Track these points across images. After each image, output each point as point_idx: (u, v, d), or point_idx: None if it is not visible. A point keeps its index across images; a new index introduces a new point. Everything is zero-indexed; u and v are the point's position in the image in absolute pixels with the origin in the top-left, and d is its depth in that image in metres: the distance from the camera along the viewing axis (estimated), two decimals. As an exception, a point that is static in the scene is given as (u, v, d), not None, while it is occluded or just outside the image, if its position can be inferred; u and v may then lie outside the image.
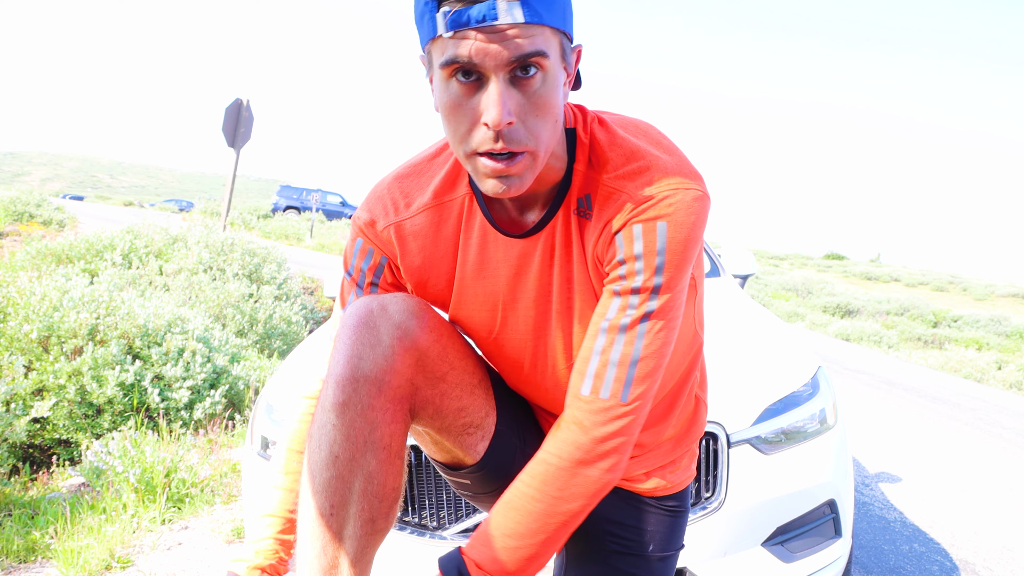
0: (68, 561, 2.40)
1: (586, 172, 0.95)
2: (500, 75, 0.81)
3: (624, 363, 0.91)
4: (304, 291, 8.08)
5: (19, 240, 8.51)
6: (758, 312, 2.62)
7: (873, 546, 2.82)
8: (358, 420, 0.92)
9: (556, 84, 0.84)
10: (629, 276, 0.90)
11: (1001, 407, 6.60)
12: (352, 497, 0.93)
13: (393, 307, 0.98)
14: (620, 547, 1.15)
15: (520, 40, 0.80)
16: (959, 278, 29.90)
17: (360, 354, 0.93)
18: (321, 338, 2.56)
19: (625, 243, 0.90)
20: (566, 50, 0.86)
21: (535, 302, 1.02)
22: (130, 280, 5.64)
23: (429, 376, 1.00)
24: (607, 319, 0.92)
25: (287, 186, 26.65)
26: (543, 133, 0.85)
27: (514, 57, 0.80)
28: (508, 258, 1.01)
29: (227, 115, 7.13)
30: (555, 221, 0.97)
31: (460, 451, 1.10)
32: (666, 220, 0.88)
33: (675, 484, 1.17)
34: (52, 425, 3.54)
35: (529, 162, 0.86)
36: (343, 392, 0.92)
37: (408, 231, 1.05)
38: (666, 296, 0.90)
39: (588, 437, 0.91)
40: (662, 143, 0.95)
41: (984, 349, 13.54)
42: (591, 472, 0.92)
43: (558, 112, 0.87)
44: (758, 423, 1.80)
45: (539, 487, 0.92)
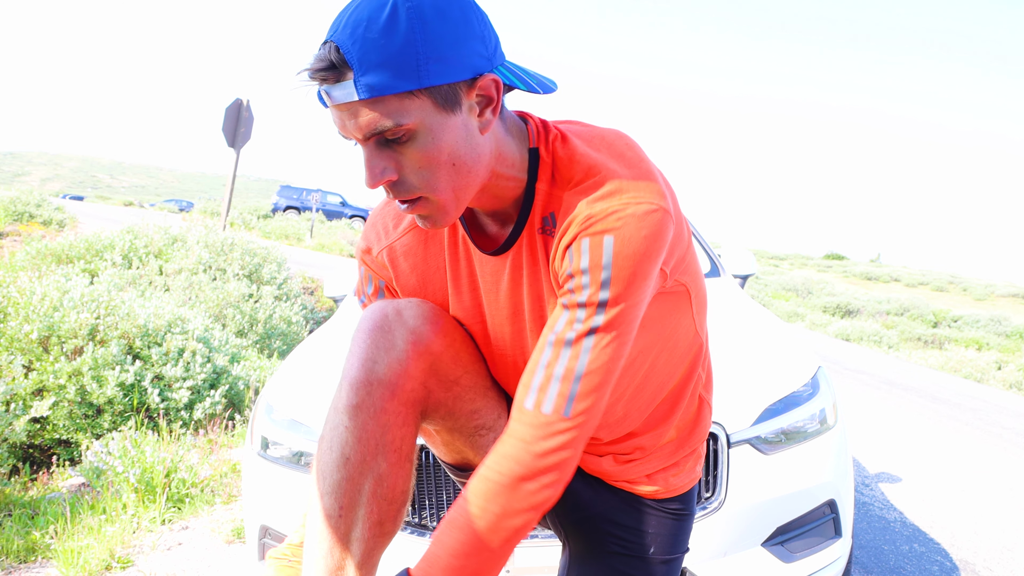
0: (68, 561, 2.40)
1: (549, 190, 0.95)
2: (365, 144, 0.85)
3: (568, 378, 0.89)
4: (304, 291, 8.08)
5: (19, 240, 8.51)
6: (758, 312, 2.62)
7: (873, 546, 2.82)
8: (370, 423, 0.94)
9: (436, 135, 0.84)
10: (576, 290, 0.89)
11: (1001, 407, 6.60)
12: (362, 499, 0.94)
13: (408, 312, 1.00)
14: (621, 549, 1.14)
15: (363, 118, 0.82)
16: (959, 278, 29.91)
17: (374, 358, 0.95)
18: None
19: (575, 256, 0.89)
20: (448, 97, 0.84)
21: (509, 318, 1.04)
22: (130, 280, 5.64)
23: (442, 380, 1.01)
24: (554, 332, 0.91)
25: (287, 186, 26.65)
26: (437, 181, 0.87)
27: (365, 134, 0.83)
28: (484, 273, 1.03)
29: (227, 115, 7.13)
30: (520, 240, 0.98)
31: (471, 452, 1.11)
32: (613, 234, 0.86)
33: (678, 487, 1.16)
34: (52, 425, 3.54)
35: (429, 205, 0.89)
36: (356, 395, 0.94)
37: (399, 252, 1.10)
38: (614, 311, 0.88)
39: (528, 452, 0.89)
40: (625, 156, 0.93)
41: (984, 349, 13.54)
42: (531, 487, 0.90)
43: (452, 156, 0.86)
44: (758, 423, 1.80)
45: (481, 504, 0.90)
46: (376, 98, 0.80)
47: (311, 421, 1.92)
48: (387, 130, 0.82)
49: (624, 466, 1.12)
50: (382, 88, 0.80)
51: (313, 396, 2.05)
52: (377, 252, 1.12)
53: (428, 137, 0.84)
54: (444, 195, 0.88)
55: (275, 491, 1.90)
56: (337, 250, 16.48)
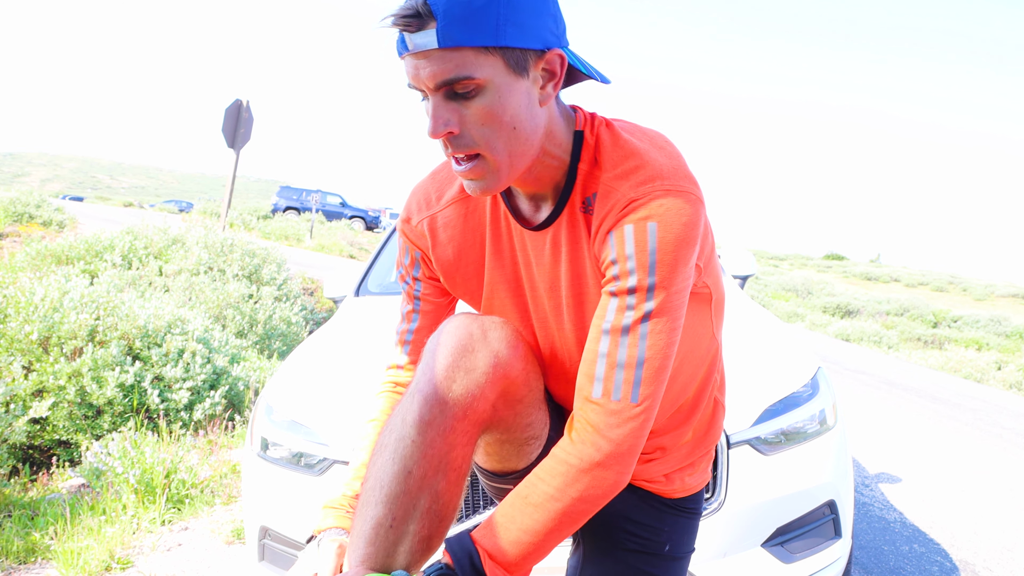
0: (68, 562, 2.40)
1: (590, 171, 0.98)
2: (434, 94, 0.89)
3: (631, 365, 0.92)
4: (304, 292, 8.08)
5: (19, 241, 8.51)
6: (758, 313, 2.62)
7: (873, 547, 2.82)
8: (439, 441, 0.94)
9: (502, 96, 0.89)
10: (623, 276, 0.92)
11: (1001, 407, 6.60)
12: (415, 514, 0.94)
13: (493, 334, 1.00)
14: (637, 546, 1.16)
15: (437, 66, 0.86)
16: (959, 278, 29.91)
17: (453, 377, 0.95)
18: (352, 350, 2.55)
19: (617, 243, 0.92)
20: (519, 62, 0.89)
21: (548, 294, 1.06)
22: (130, 281, 5.64)
23: (509, 400, 1.02)
24: (608, 321, 0.93)
25: (287, 187, 26.64)
26: (496, 141, 0.91)
27: (436, 83, 0.87)
28: (524, 249, 1.06)
29: (227, 116, 7.13)
30: (561, 218, 1.01)
31: (516, 460, 1.12)
32: (656, 220, 0.90)
33: (692, 486, 1.19)
34: (52, 426, 3.54)
35: (484, 165, 0.92)
36: (429, 411, 0.94)
37: (440, 223, 1.12)
38: (662, 294, 0.91)
39: (606, 440, 0.92)
40: (664, 148, 0.97)
41: (984, 349, 13.53)
42: (608, 474, 0.93)
43: (514, 119, 0.91)
44: (758, 424, 1.80)
45: (559, 487, 0.93)
46: (454, 48, 0.85)
47: (311, 422, 1.92)
48: (458, 80, 0.86)
49: (644, 465, 1.13)
50: (461, 39, 0.84)
51: (313, 397, 2.05)
52: (417, 222, 1.14)
53: (495, 95, 0.88)
54: (500, 156, 0.92)
55: (275, 492, 1.90)
56: (337, 251, 16.48)
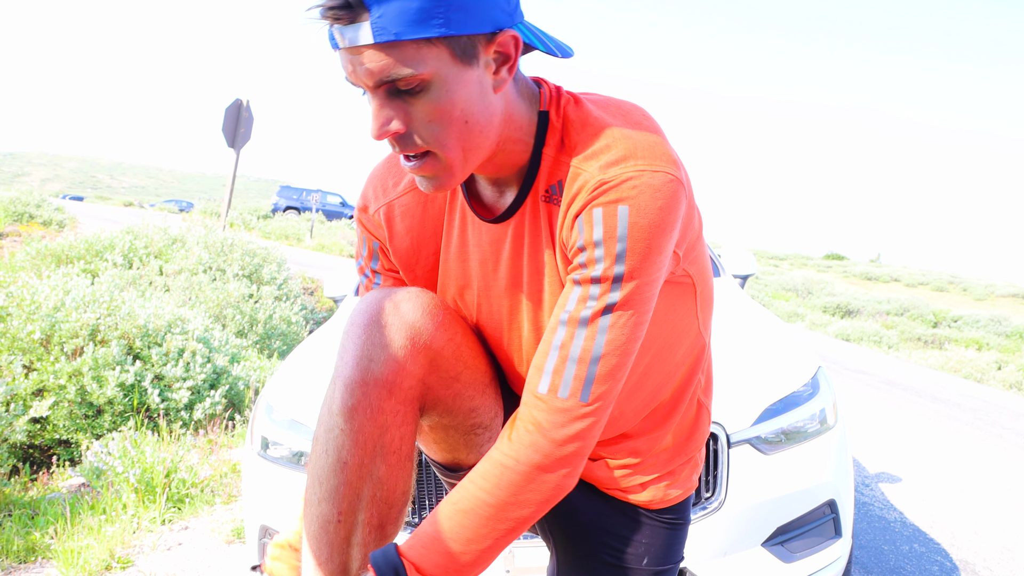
0: (68, 561, 2.40)
1: (556, 156, 0.89)
2: (374, 92, 0.80)
3: (584, 360, 0.84)
4: (304, 291, 8.08)
5: (19, 240, 8.51)
6: (758, 312, 2.62)
7: (873, 546, 2.82)
8: (368, 424, 0.89)
9: (450, 88, 0.80)
10: (589, 264, 0.83)
11: (1001, 407, 6.60)
12: (361, 504, 0.90)
13: (405, 304, 0.93)
14: (612, 559, 1.09)
15: (374, 63, 0.77)
16: (959, 278, 29.90)
17: (370, 355, 0.90)
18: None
19: (585, 227, 0.83)
20: (464, 49, 0.79)
21: (507, 290, 0.98)
22: (130, 280, 5.65)
23: (443, 376, 0.96)
24: (567, 311, 0.86)
25: (287, 186, 26.63)
26: (447, 138, 0.82)
27: (375, 82, 0.78)
28: (481, 243, 0.98)
29: (227, 115, 7.13)
30: (523, 208, 0.93)
31: (465, 452, 1.07)
32: (628, 203, 0.81)
33: (673, 497, 1.10)
34: (52, 425, 3.54)
35: (436, 163, 0.84)
36: (352, 396, 0.89)
37: (397, 211, 1.04)
38: (630, 285, 0.83)
39: (547, 440, 0.85)
40: (641, 124, 0.87)
41: (984, 349, 13.53)
42: (549, 478, 0.86)
43: (465, 112, 0.82)
44: (758, 423, 1.80)
45: (492, 491, 0.86)
46: (392, 43, 0.75)
47: (311, 421, 1.92)
48: (400, 79, 0.77)
49: (618, 473, 1.06)
50: (399, 32, 0.75)
51: (313, 396, 2.05)
52: (374, 210, 1.05)
53: (442, 89, 0.80)
54: (452, 153, 0.83)
55: (275, 491, 1.90)
56: (337, 250, 16.48)
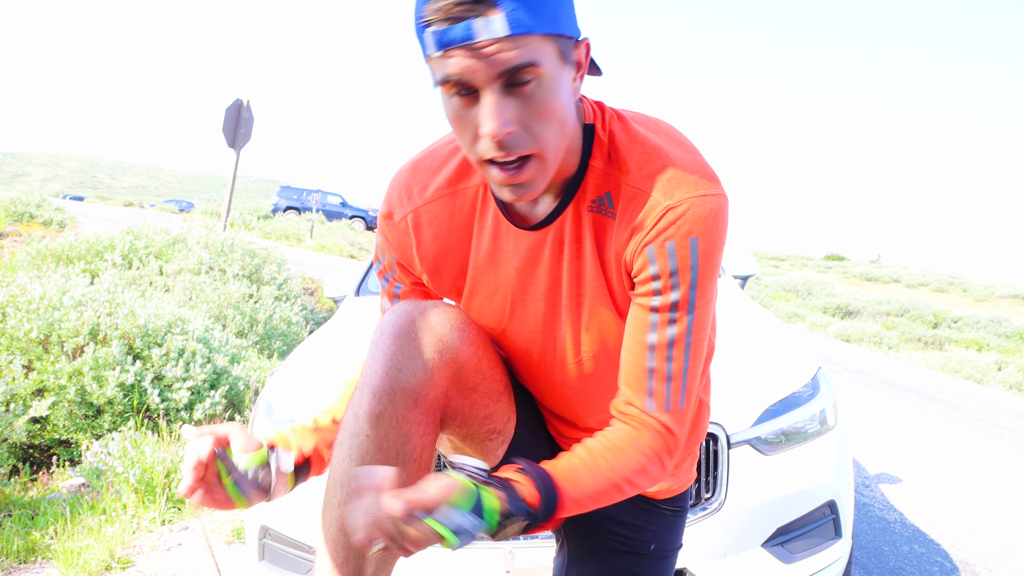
0: (68, 562, 2.40)
1: (605, 169, 0.95)
2: (492, 87, 0.82)
3: (678, 376, 0.94)
4: (304, 292, 8.08)
5: (19, 240, 8.51)
6: (758, 313, 2.62)
7: (873, 547, 2.82)
8: (392, 432, 0.92)
9: (556, 87, 0.84)
10: (666, 291, 0.92)
11: (1001, 408, 6.60)
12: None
13: (435, 318, 0.97)
14: (622, 546, 1.16)
15: (505, 54, 0.80)
16: (959, 279, 29.90)
17: (399, 365, 0.92)
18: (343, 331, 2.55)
19: (659, 259, 0.91)
20: (565, 50, 0.85)
21: (544, 295, 1.02)
22: (130, 280, 5.65)
23: (462, 387, 0.99)
24: (653, 336, 0.94)
25: (287, 187, 26.61)
26: (548, 136, 0.86)
27: (499, 72, 0.81)
28: (518, 250, 1.01)
29: (227, 116, 7.13)
30: (565, 215, 0.97)
31: (479, 456, 1.11)
32: (696, 235, 0.90)
33: (678, 487, 1.19)
34: (52, 425, 3.54)
35: (537, 166, 0.87)
36: (379, 403, 0.91)
37: (424, 218, 1.05)
38: (702, 303, 0.93)
39: (672, 440, 0.96)
40: (683, 143, 0.95)
41: (984, 350, 13.53)
42: (670, 463, 0.98)
43: (563, 112, 0.87)
44: (758, 424, 1.80)
45: (624, 474, 0.95)
46: (520, 35, 0.79)
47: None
48: (525, 67, 0.80)
49: None
50: (531, 26, 0.79)
51: (313, 397, 2.05)
52: (400, 217, 1.07)
53: (551, 87, 0.84)
54: (551, 155, 0.87)
55: (275, 491, 1.90)
56: (337, 251, 16.48)
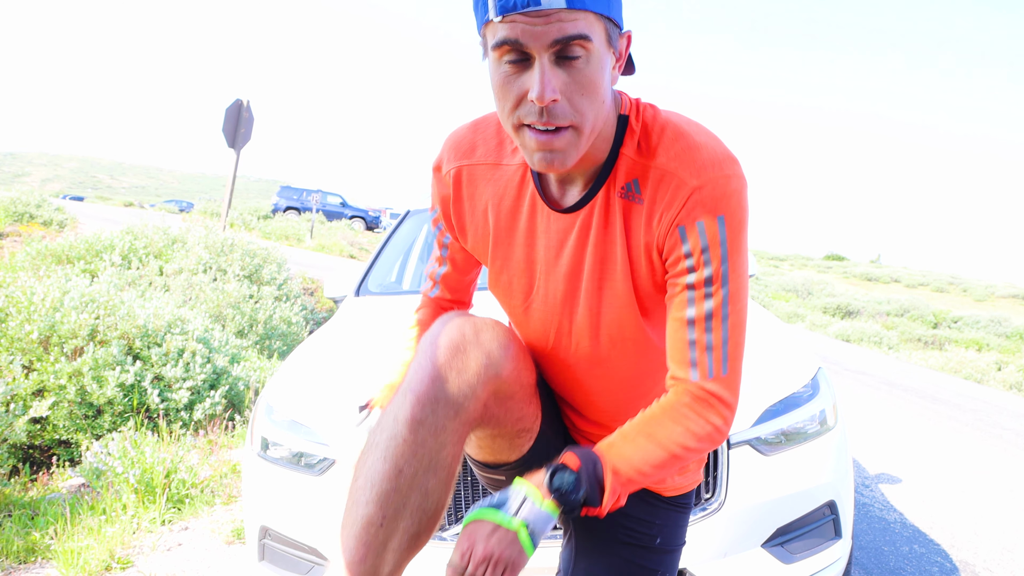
0: (68, 562, 2.40)
1: (634, 158, 0.99)
2: (544, 55, 0.87)
3: (717, 346, 0.98)
4: (304, 292, 8.08)
5: (19, 241, 8.51)
6: (758, 313, 2.62)
7: (873, 547, 2.82)
8: (430, 440, 0.94)
9: (601, 66, 0.90)
10: (699, 267, 0.96)
11: (1001, 408, 6.60)
12: (406, 512, 0.95)
13: (485, 335, 1.01)
14: (630, 539, 1.18)
15: (562, 23, 0.85)
16: (959, 279, 29.90)
17: (446, 377, 0.96)
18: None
19: (690, 238, 0.95)
20: (612, 35, 0.91)
21: (567, 277, 1.06)
22: (130, 281, 5.64)
23: (500, 398, 1.03)
24: (691, 312, 0.98)
25: (287, 187, 26.61)
26: (588, 111, 0.90)
27: (556, 39, 0.86)
28: (549, 231, 1.05)
29: (227, 116, 7.13)
30: (595, 201, 1.01)
31: (507, 453, 1.14)
32: (723, 212, 0.94)
33: (683, 485, 1.22)
34: (52, 426, 3.54)
35: (573, 137, 0.91)
36: (421, 410, 0.94)
37: (466, 177, 1.11)
38: (735, 276, 0.97)
39: (725, 408, 0.99)
40: (707, 131, 1.00)
41: (984, 350, 13.53)
42: (716, 438, 1.01)
43: (604, 92, 0.92)
44: (758, 424, 1.80)
45: (680, 442, 0.99)
46: (578, 9, 0.86)
47: (311, 422, 1.92)
48: (577, 38, 0.86)
49: None
50: (583, 2, 0.86)
51: (313, 397, 2.05)
52: (447, 170, 1.13)
53: (597, 64, 0.89)
54: (587, 129, 0.92)
55: (275, 492, 1.90)
56: (337, 251, 16.48)
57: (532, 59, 0.88)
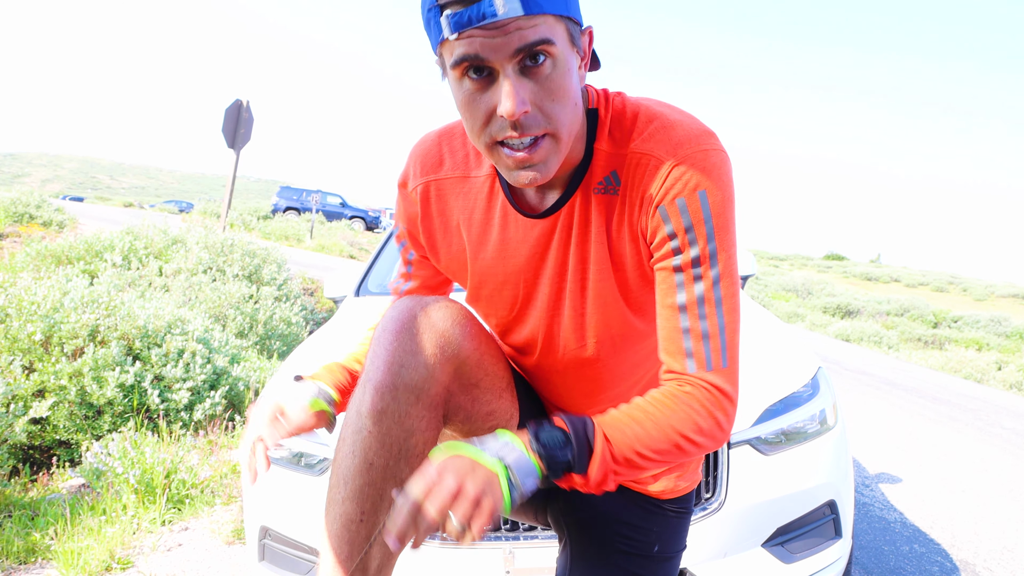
0: (68, 562, 2.40)
1: (609, 150, 0.95)
2: (509, 67, 0.83)
3: (714, 334, 0.92)
4: (304, 292, 8.08)
5: (19, 241, 8.51)
6: (758, 313, 2.62)
7: (873, 547, 2.82)
8: (395, 428, 0.92)
9: (568, 68, 0.86)
10: (684, 248, 0.91)
11: (1001, 407, 6.60)
12: (384, 504, 0.93)
13: (437, 313, 0.97)
14: (627, 547, 1.15)
15: (522, 31, 0.81)
16: (959, 279, 29.91)
17: (401, 361, 0.93)
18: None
19: (672, 217, 0.91)
20: (574, 34, 0.87)
21: (549, 283, 1.03)
22: (130, 281, 5.64)
23: (464, 383, 1.00)
24: (681, 296, 0.92)
25: (287, 187, 26.61)
26: (562, 116, 0.87)
27: (518, 48, 0.82)
28: (527, 239, 1.02)
29: (227, 116, 7.13)
30: (573, 201, 0.98)
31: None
32: (704, 187, 0.90)
33: (681, 488, 1.19)
34: (52, 426, 3.54)
35: (551, 146, 0.88)
36: (382, 400, 0.92)
37: (434, 193, 1.07)
38: (724, 255, 0.92)
39: (718, 399, 0.92)
40: (680, 109, 0.96)
41: (984, 349, 13.53)
42: (726, 423, 0.93)
43: (575, 94, 0.88)
44: (758, 424, 1.80)
45: (672, 424, 0.90)
46: (536, 14, 0.81)
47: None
48: (540, 43, 0.82)
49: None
50: (540, 6, 0.81)
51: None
52: (413, 186, 1.08)
53: (563, 67, 0.85)
54: (564, 135, 0.88)
55: (275, 492, 1.90)
56: (337, 251, 16.48)
57: (496, 73, 0.84)
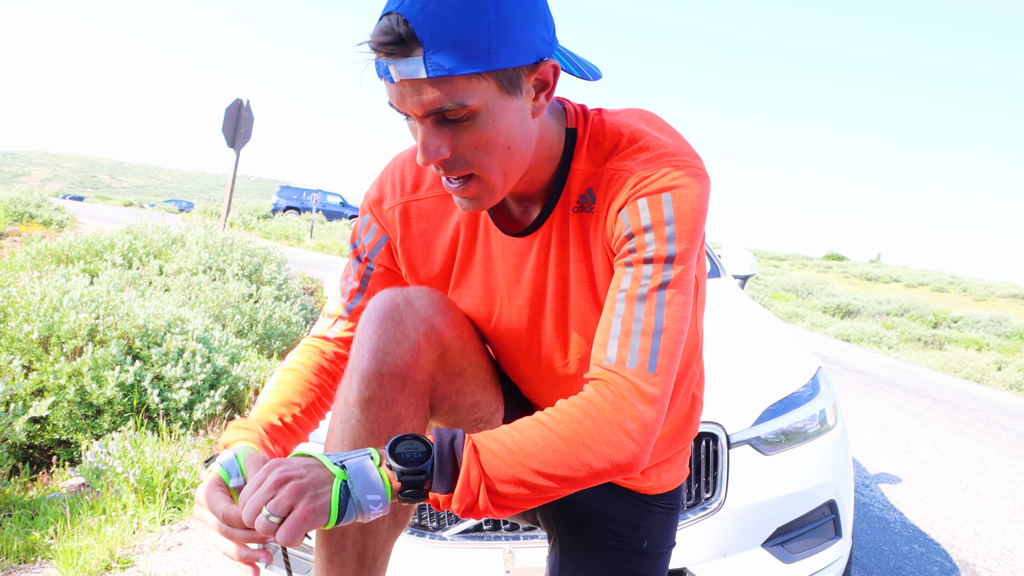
0: (68, 562, 2.40)
1: (587, 169, 0.95)
2: (423, 120, 0.83)
3: (648, 333, 0.85)
4: (304, 291, 8.08)
5: (19, 240, 8.51)
6: (758, 313, 2.62)
7: (873, 547, 2.82)
8: (382, 415, 0.93)
9: (494, 119, 0.84)
10: (640, 248, 0.88)
11: (1001, 408, 6.60)
12: None
13: (419, 301, 0.98)
14: (616, 544, 1.16)
15: (427, 96, 0.80)
16: (959, 279, 29.91)
17: (386, 349, 0.93)
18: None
19: (632, 217, 0.88)
20: (511, 81, 0.83)
21: (529, 300, 1.02)
22: (130, 280, 5.64)
23: (449, 372, 1.00)
24: (623, 289, 0.88)
25: (287, 186, 26.60)
26: (486, 162, 0.86)
27: (425, 112, 0.81)
28: (506, 255, 1.02)
29: (227, 115, 7.13)
30: (552, 219, 0.98)
31: None
32: (671, 192, 0.87)
33: (669, 483, 1.19)
34: (52, 425, 3.53)
35: (479, 186, 0.88)
36: (368, 387, 0.92)
37: (413, 213, 1.06)
38: (680, 267, 0.87)
39: (625, 401, 0.83)
40: (663, 128, 0.94)
41: (984, 350, 13.53)
42: (618, 435, 0.83)
43: (507, 140, 0.86)
44: (758, 424, 1.80)
45: (567, 425, 0.83)
46: (443, 78, 0.78)
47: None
48: (449, 110, 0.81)
49: None
50: (452, 68, 0.78)
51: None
52: (389, 207, 1.07)
53: (489, 119, 0.84)
54: (495, 176, 0.88)
55: (275, 491, 1.89)
56: (337, 250, 16.48)
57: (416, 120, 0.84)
